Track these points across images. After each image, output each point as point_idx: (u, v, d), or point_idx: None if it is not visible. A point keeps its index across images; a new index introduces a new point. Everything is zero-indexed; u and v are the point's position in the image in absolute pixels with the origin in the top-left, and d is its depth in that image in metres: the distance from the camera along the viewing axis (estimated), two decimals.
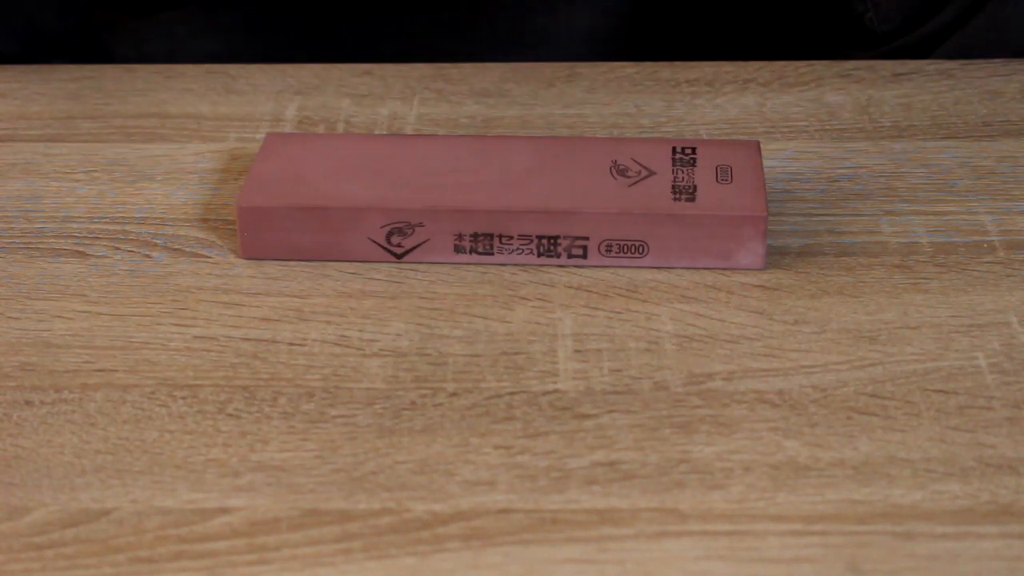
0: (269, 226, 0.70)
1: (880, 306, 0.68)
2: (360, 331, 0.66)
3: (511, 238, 0.69)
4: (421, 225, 0.69)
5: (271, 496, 0.57)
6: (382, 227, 0.70)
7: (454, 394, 0.63)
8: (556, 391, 0.63)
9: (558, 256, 0.70)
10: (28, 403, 0.62)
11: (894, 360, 0.64)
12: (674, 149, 0.73)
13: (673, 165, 0.72)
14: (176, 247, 0.72)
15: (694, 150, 0.73)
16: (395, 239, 0.70)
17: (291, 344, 0.66)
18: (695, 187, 0.70)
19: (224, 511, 0.57)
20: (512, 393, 0.63)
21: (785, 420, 0.61)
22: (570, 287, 0.69)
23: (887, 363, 0.64)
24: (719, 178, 0.70)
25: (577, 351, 0.65)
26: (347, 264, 0.71)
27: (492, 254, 0.70)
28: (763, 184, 0.70)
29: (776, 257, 0.71)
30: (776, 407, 0.62)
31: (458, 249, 0.70)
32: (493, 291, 0.69)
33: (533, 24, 0.99)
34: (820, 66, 0.88)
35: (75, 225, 0.74)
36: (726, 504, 0.57)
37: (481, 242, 0.69)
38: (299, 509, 0.57)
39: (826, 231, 0.72)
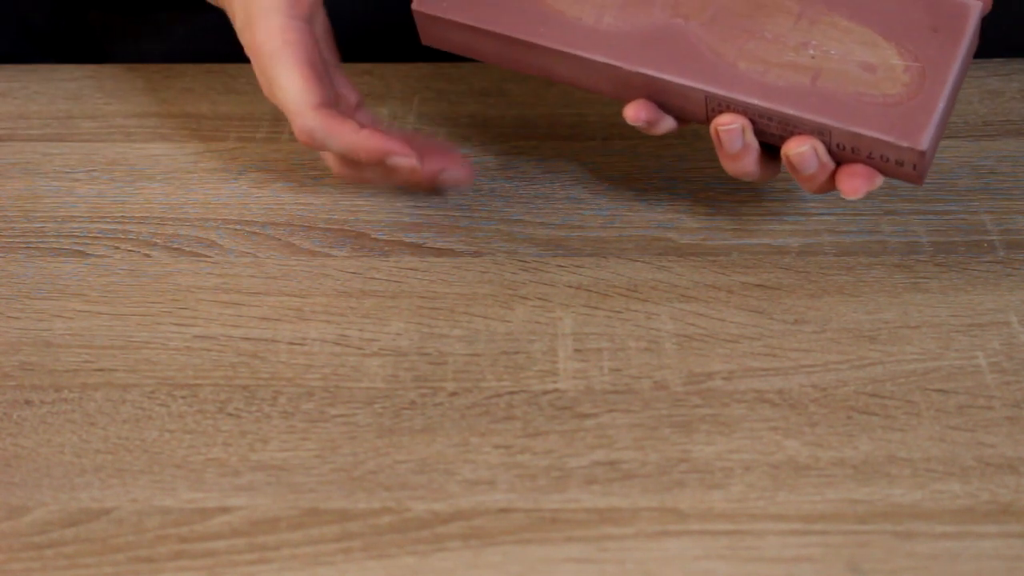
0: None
1: (880, 306, 0.68)
2: (360, 331, 0.66)
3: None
4: None
5: (271, 496, 0.57)
6: None
7: (454, 393, 0.63)
8: (556, 390, 0.63)
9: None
10: (28, 403, 0.62)
11: (894, 360, 0.64)
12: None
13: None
14: (176, 247, 0.72)
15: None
16: None
17: (291, 344, 0.66)
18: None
19: (224, 510, 0.57)
20: (512, 392, 0.63)
21: (785, 420, 0.61)
22: (570, 286, 0.69)
23: (887, 363, 0.64)
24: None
25: (577, 350, 0.65)
26: (347, 264, 0.71)
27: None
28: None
29: (776, 257, 0.70)
30: (776, 407, 0.62)
31: None
32: (493, 291, 0.69)
33: None
34: None
35: (75, 225, 0.74)
36: (726, 504, 0.57)
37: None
38: (299, 509, 0.57)
39: (826, 231, 0.72)
